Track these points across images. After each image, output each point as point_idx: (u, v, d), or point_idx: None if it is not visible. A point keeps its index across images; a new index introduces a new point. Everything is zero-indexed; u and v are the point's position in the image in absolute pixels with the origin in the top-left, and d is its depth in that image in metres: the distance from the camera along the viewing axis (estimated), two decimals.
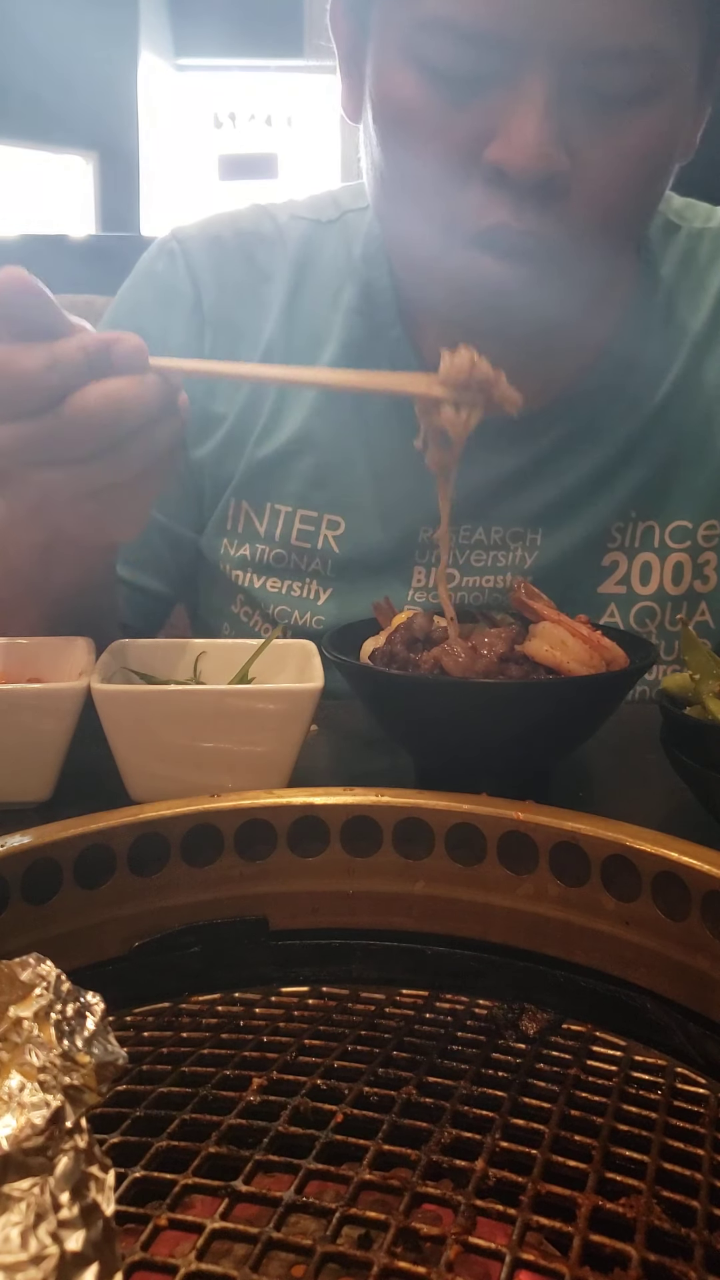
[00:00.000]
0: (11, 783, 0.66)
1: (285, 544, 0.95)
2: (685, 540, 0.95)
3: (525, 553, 0.94)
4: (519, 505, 0.93)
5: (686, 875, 0.41)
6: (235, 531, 0.97)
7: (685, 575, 0.95)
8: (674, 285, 0.94)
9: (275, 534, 0.95)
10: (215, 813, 0.46)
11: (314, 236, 0.98)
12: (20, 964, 0.27)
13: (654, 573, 0.95)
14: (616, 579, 0.95)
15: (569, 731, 0.69)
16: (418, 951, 0.47)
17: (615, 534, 0.94)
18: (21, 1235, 0.21)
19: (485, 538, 0.94)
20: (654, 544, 0.95)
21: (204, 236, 0.99)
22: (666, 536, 0.95)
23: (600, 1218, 0.29)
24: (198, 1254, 0.27)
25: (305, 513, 0.95)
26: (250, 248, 0.98)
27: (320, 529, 0.95)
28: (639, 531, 0.94)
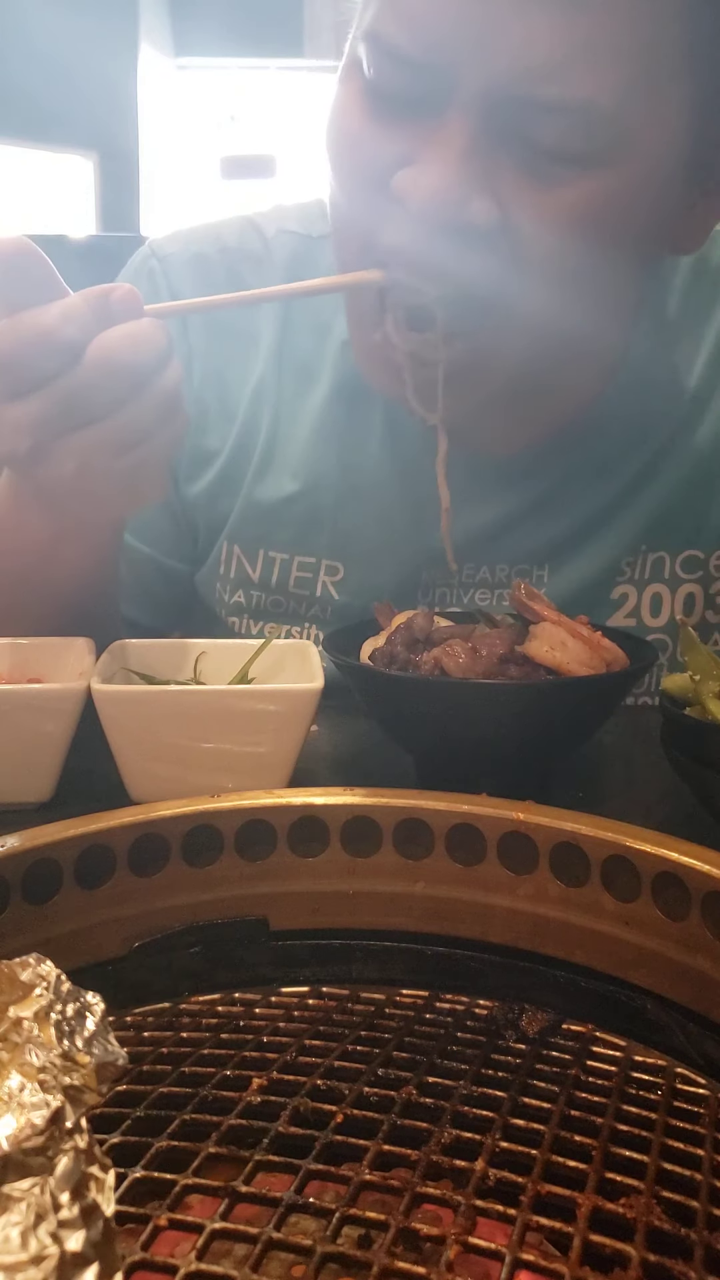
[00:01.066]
0: (11, 783, 0.66)
1: (283, 590, 0.93)
2: (697, 570, 0.91)
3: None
4: (524, 542, 0.90)
5: (686, 875, 0.41)
6: (228, 577, 0.94)
7: (697, 606, 0.92)
8: (683, 308, 0.90)
9: (271, 580, 0.93)
10: (215, 813, 0.46)
11: (304, 254, 0.93)
12: (20, 964, 0.27)
13: (664, 604, 0.91)
14: (626, 611, 0.92)
15: (569, 732, 0.69)
16: (418, 951, 0.47)
17: (625, 567, 0.91)
18: (21, 1235, 0.21)
19: (490, 576, 0.91)
20: (664, 575, 0.91)
21: (187, 255, 0.95)
22: (678, 567, 0.91)
23: (600, 1218, 0.29)
24: (198, 1254, 0.27)
25: (303, 559, 0.92)
26: (236, 267, 0.93)
27: (319, 575, 0.92)
28: (649, 563, 0.91)
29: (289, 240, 0.94)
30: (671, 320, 0.89)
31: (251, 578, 0.93)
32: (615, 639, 0.69)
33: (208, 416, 0.93)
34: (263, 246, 0.94)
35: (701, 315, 0.90)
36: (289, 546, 0.92)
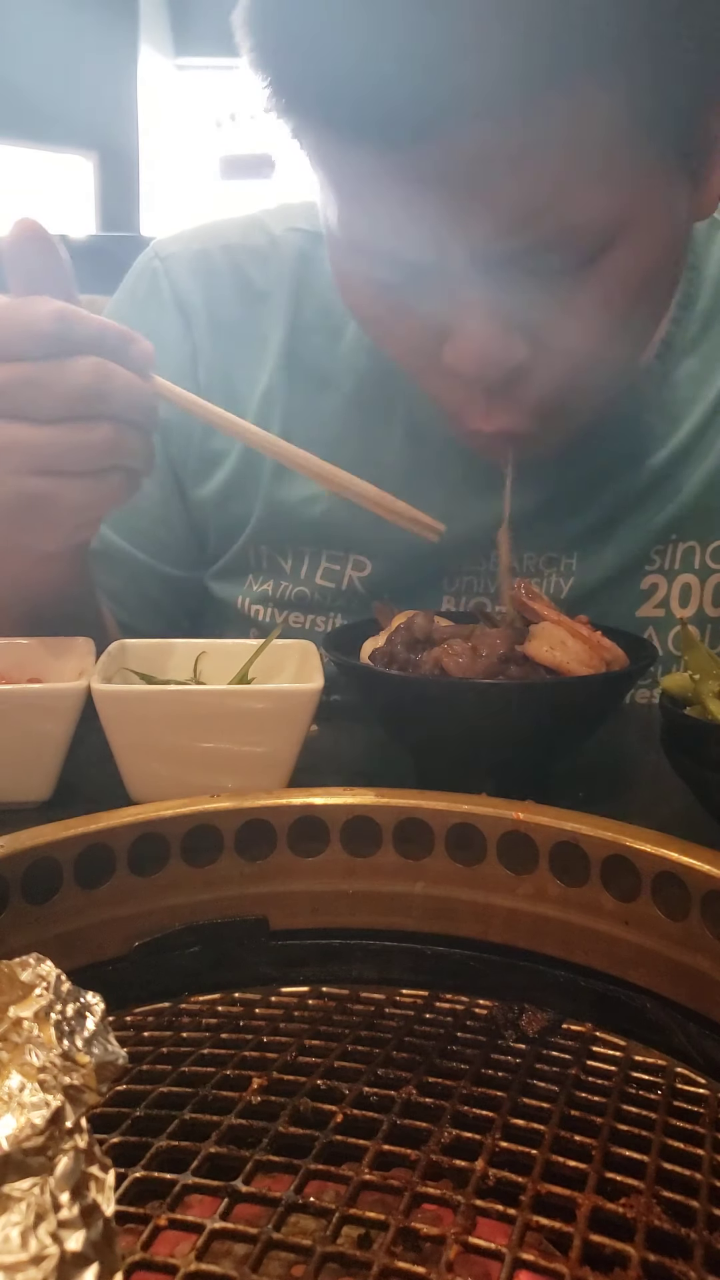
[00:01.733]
0: (11, 783, 0.66)
1: (310, 583, 0.92)
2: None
3: (560, 579, 0.90)
4: (553, 531, 0.89)
5: (686, 875, 0.41)
6: (260, 568, 0.94)
7: None
8: (717, 289, 0.88)
9: (300, 573, 0.92)
10: (215, 813, 0.46)
11: (312, 252, 0.91)
12: (20, 964, 0.27)
13: (694, 595, 0.91)
14: (655, 602, 0.91)
15: (569, 731, 0.69)
16: (418, 951, 0.47)
17: (654, 556, 0.90)
18: (21, 1235, 0.21)
19: (518, 565, 0.90)
20: (695, 565, 0.90)
21: (189, 253, 0.93)
22: (708, 557, 0.91)
23: (600, 1218, 0.29)
24: (198, 1254, 0.27)
25: (331, 552, 0.92)
26: (241, 264, 0.92)
27: (346, 569, 0.92)
28: (679, 553, 0.90)
29: (296, 237, 0.92)
30: (702, 310, 0.88)
31: (284, 568, 0.93)
32: (615, 638, 0.69)
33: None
34: (269, 243, 0.93)
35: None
36: (316, 543, 0.91)
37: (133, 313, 0.93)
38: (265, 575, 0.94)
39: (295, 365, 0.91)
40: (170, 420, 0.86)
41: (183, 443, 0.92)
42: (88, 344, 0.63)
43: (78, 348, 0.63)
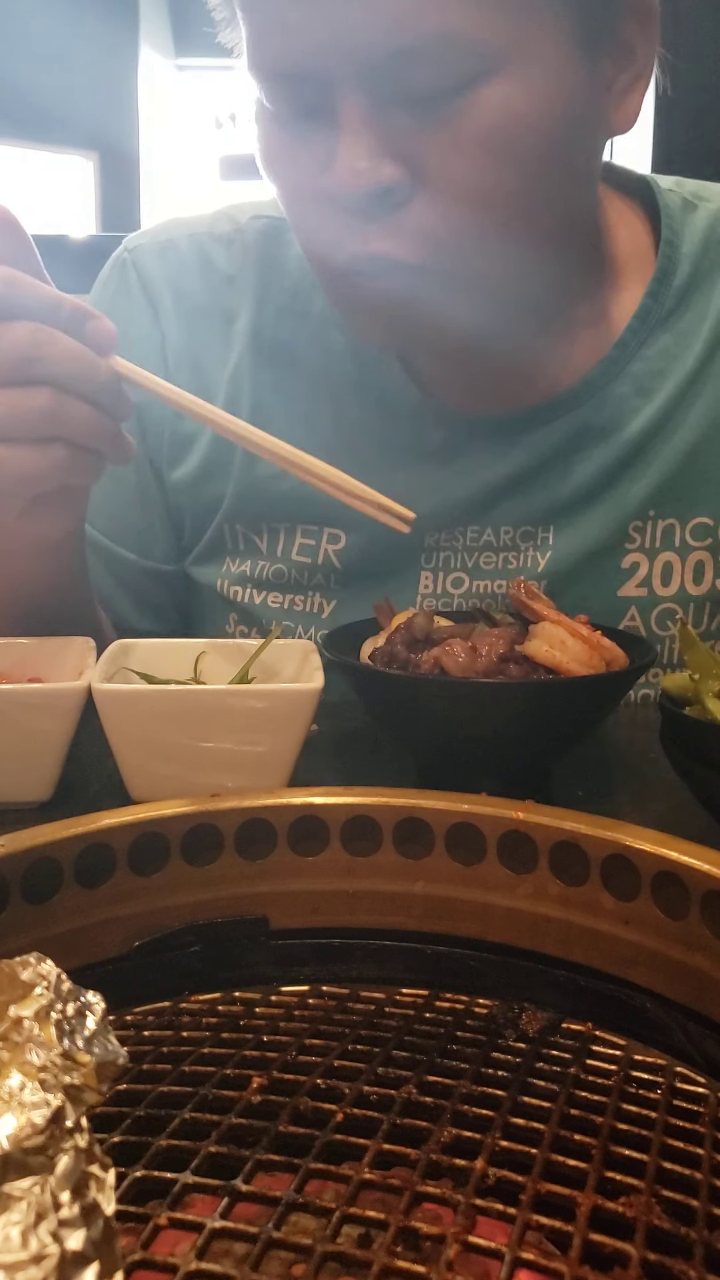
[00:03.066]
0: (11, 783, 0.66)
1: (286, 559, 0.93)
2: (706, 538, 0.90)
3: (537, 553, 0.90)
4: (528, 504, 0.89)
5: (686, 875, 0.41)
6: (236, 550, 0.94)
7: (706, 574, 0.91)
8: (697, 263, 0.89)
9: (277, 550, 0.93)
10: (215, 813, 0.46)
11: (276, 234, 0.93)
12: (20, 963, 0.27)
13: (674, 573, 0.90)
14: (637, 581, 0.90)
15: (569, 731, 0.69)
16: (418, 951, 0.47)
17: (634, 534, 0.90)
18: (22, 1234, 0.21)
19: (494, 539, 0.90)
20: (675, 543, 0.90)
21: (155, 244, 0.96)
22: (688, 534, 0.90)
23: (600, 1217, 0.29)
24: (198, 1253, 0.27)
25: (305, 527, 0.92)
26: (207, 250, 0.94)
27: (321, 543, 0.92)
28: (659, 531, 0.90)
29: (260, 222, 0.95)
30: (679, 286, 0.89)
31: (259, 547, 0.94)
32: (615, 638, 0.69)
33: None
34: (234, 229, 0.95)
35: (710, 283, 0.89)
36: (290, 519, 0.92)
37: (103, 303, 0.94)
38: (242, 556, 0.94)
39: (263, 345, 0.92)
40: (142, 405, 0.87)
41: (156, 427, 0.94)
42: (35, 312, 0.64)
43: (21, 314, 0.63)
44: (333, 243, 0.75)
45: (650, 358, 0.88)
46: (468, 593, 0.91)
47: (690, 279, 0.89)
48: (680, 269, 0.89)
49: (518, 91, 0.69)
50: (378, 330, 0.80)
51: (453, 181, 0.70)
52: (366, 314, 0.79)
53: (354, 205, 0.71)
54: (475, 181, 0.71)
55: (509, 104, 0.69)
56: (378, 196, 0.70)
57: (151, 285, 0.94)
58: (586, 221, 0.86)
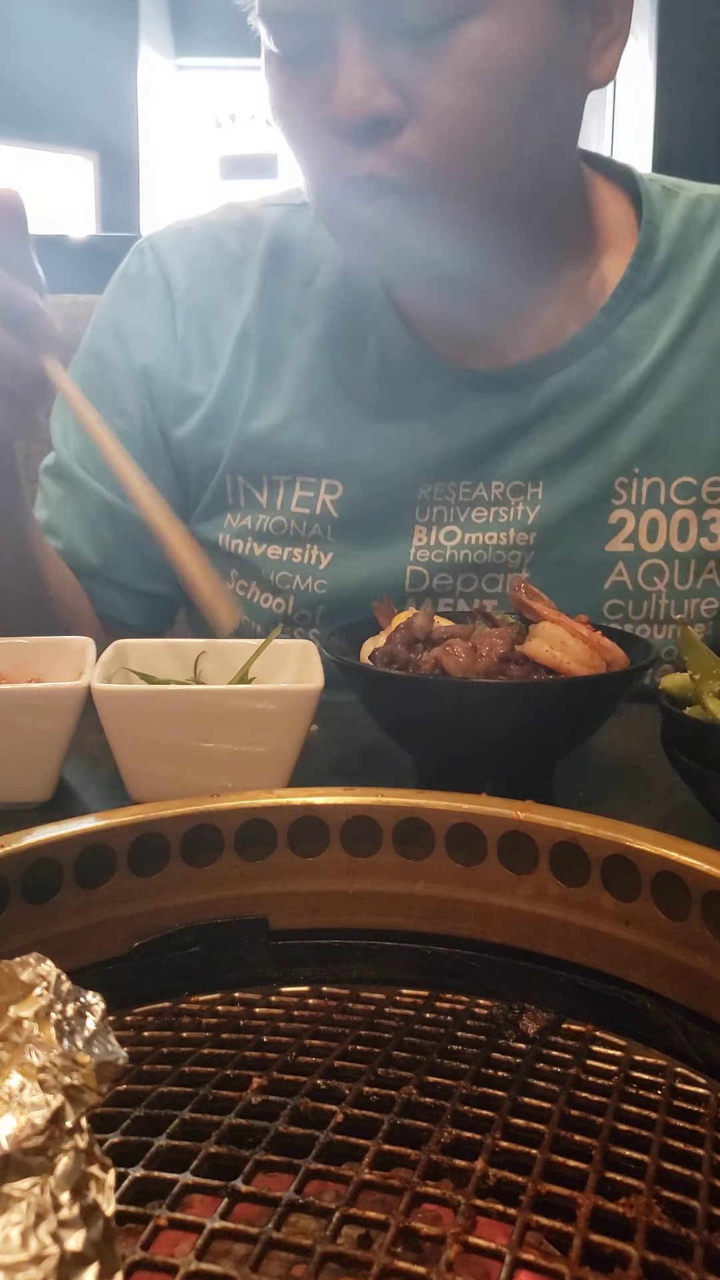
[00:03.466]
0: (11, 783, 0.66)
1: (286, 511, 0.96)
2: (690, 496, 0.94)
3: (527, 507, 0.93)
4: (518, 459, 0.93)
5: (686, 875, 0.41)
6: (237, 505, 0.98)
7: (691, 532, 0.94)
8: (674, 246, 0.95)
9: (276, 503, 0.96)
10: (215, 813, 0.46)
11: (287, 219, 1.00)
12: (20, 964, 0.27)
13: (660, 530, 0.94)
14: (624, 536, 0.94)
15: (569, 731, 0.69)
16: (418, 951, 0.47)
17: (620, 490, 0.93)
18: (22, 1235, 0.21)
19: (486, 494, 0.94)
20: (660, 501, 0.94)
21: (172, 233, 1.04)
22: (672, 493, 0.94)
23: (600, 1218, 0.29)
24: (198, 1254, 0.27)
25: (304, 479, 0.96)
26: (218, 235, 1.01)
27: (319, 494, 0.96)
28: (644, 488, 0.94)
29: (272, 211, 1.02)
30: (659, 262, 0.94)
31: (259, 501, 0.97)
32: (615, 638, 0.69)
33: (192, 363, 0.98)
34: (245, 218, 1.02)
35: (693, 256, 0.95)
36: (289, 470, 0.96)
37: (123, 288, 1.03)
38: (243, 510, 0.98)
39: (269, 311, 0.98)
40: (150, 367, 0.98)
41: (163, 390, 0.99)
42: None
43: None
44: (331, 168, 0.81)
45: (634, 324, 0.94)
46: (460, 544, 0.94)
47: (670, 256, 0.95)
48: (661, 248, 0.95)
49: (502, 30, 0.77)
50: (369, 252, 0.86)
51: (442, 110, 0.77)
52: (359, 236, 0.84)
53: (351, 131, 0.77)
54: (462, 111, 0.78)
55: (494, 40, 0.77)
56: (373, 124, 0.77)
57: (166, 264, 1.01)
58: (569, 176, 0.93)
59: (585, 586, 0.93)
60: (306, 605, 0.97)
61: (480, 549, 0.94)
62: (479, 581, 0.94)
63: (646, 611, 0.94)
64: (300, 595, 0.96)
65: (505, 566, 0.94)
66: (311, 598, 0.96)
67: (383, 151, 0.78)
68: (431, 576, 0.95)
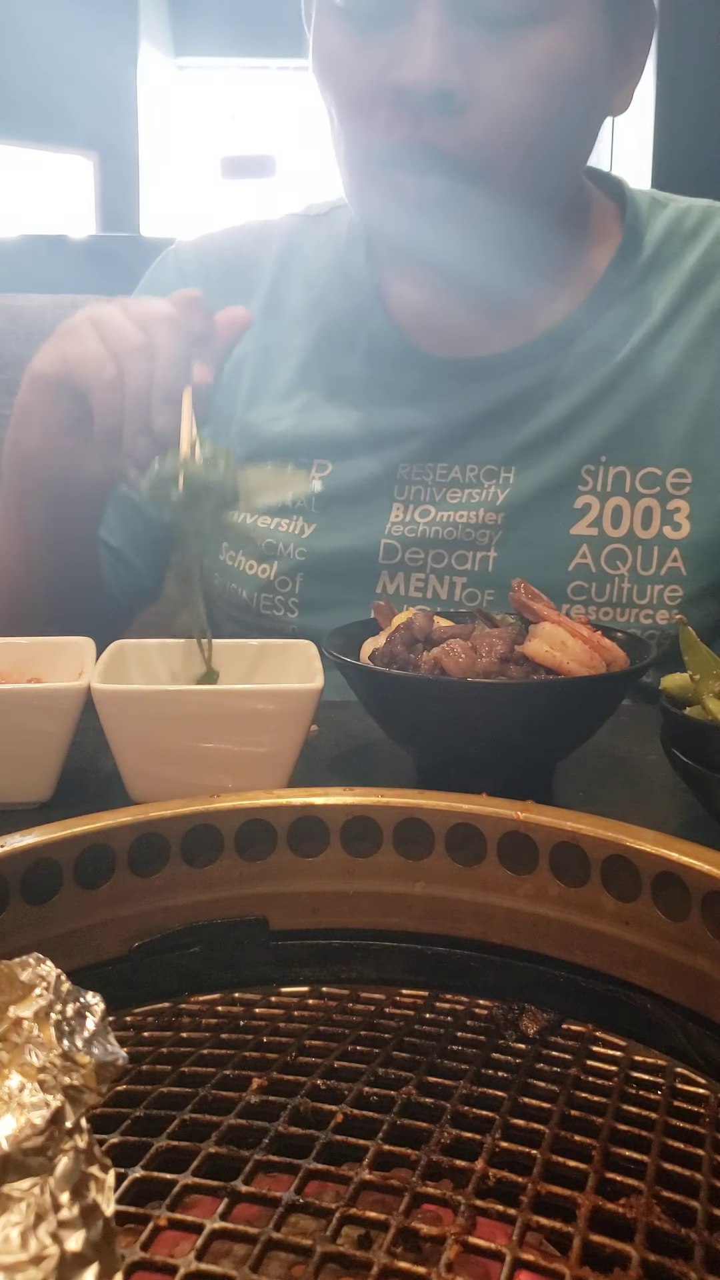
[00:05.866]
0: (11, 783, 0.66)
1: None
2: (654, 486, 0.98)
3: (498, 489, 0.98)
4: (492, 444, 0.98)
5: (686, 875, 0.41)
6: None
7: (654, 521, 0.98)
8: (657, 250, 1.00)
9: None
10: (215, 813, 0.46)
11: (301, 228, 1.08)
12: (20, 964, 0.27)
13: (625, 516, 0.98)
14: (589, 521, 0.98)
15: (569, 732, 0.69)
16: (418, 951, 0.47)
17: (586, 477, 0.98)
18: (21, 1235, 0.21)
19: (460, 476, 0.99)
20: (625, 489, 0.98)
21: (195, 240, 1.13)
22: (637, 482, 0.98)
23: (600, 1218, 0.29)
24: (197, 1254, 0.27)
25: (299, 460, 1.01)
26: (238, 241, 1.09)
27: (310, 472, 1.01)
28: (610, 476, 0.98)
29: (290, 219, 1.09)
30: (641, 264, 0.99)
31: None
32: (615, 639, 0.69)
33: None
34: (263, 225, 1.11)
35: (673, 260, 1.00)
36: (285, 453, 1.01)
37: (148, 287, 1.11)
38: None
39: (274, 310, 1.06)
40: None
41: None
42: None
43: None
44: (384, 129, 0.84)
45: (610, 321, 0.98)
46: (433, 521, 0.99)
47: (652, 259, 1.00)
48: (643, 250, 1.00)
49: (568, 41, 0.83)
50: (397, 220, 0.89)
51: (504, 99, 0.82)
52: (393, 201, 0.88)
53: (417, 100, 0.81)
54: (523, 105, 0.83)
55: (560, 48, 0.83)
56: (441, 96, 0.81)
57: (186, 267, 1.09)
58: (574, 187, 0.99)
59: (550, 567, 0.96)
60: (287, 572, 1.01)
61: (451, 526, 0.98)
62: (449, 558, 0.98)
63: (610, 595, 0.97)
64: (283, 561, 1.01)
65: (474, 544, 0.98)
66: (292, 564, 1.01)
67: (444, 126, 0.82)
68: (404, 550, 0.99)
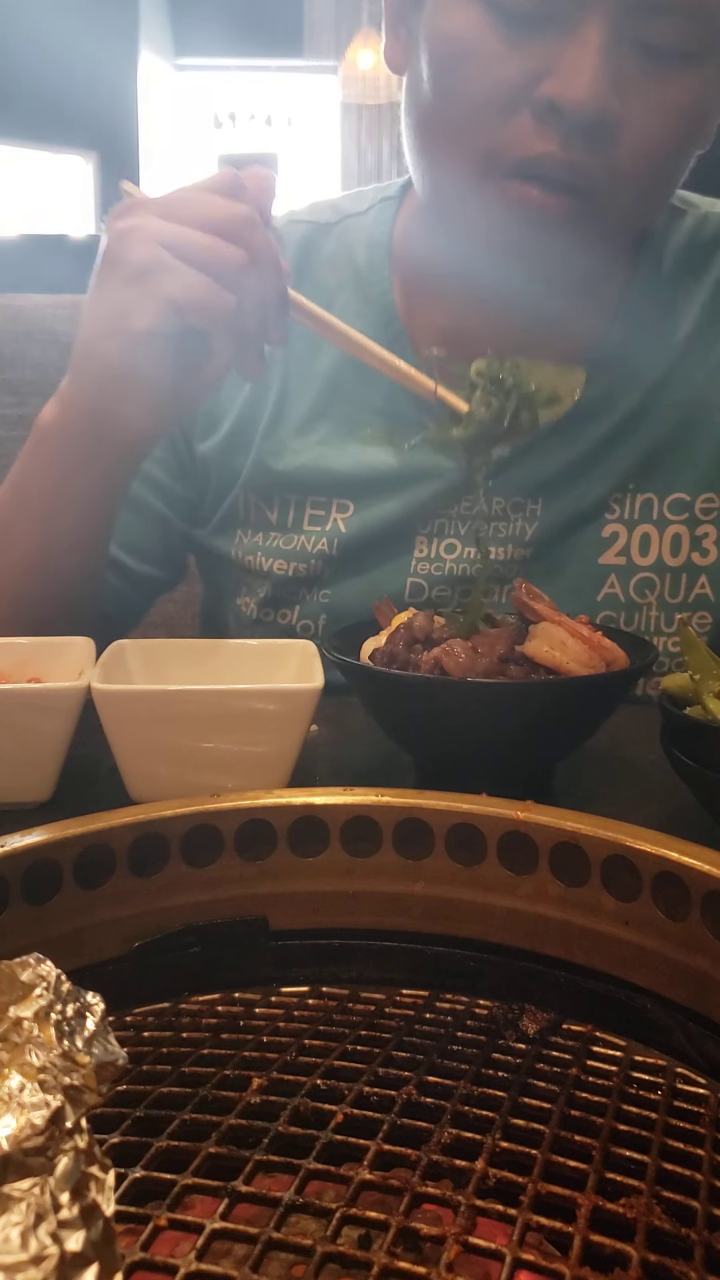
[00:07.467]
0: (11, 783, 0.66)
1: (298, 529, 0.98)
2: (683, 513, 0.96)
3: (525, 523, 0.96)
4: (520, 477, 0.95)
5: (686, 875, 0.41)
6: (248, 522, 1.00)
7: (683, 547, 0.97)
8: (678, 264, 0.97)
9: (288, 522, 0.98)
10: (215, 813, 0.46)
11: (312, 238, 1.01)
12: (20, 964, 0.27)
13: (653, 544, 0.96)
14: (616, 550, 0.96)
15: (569, 731, 0.69)
16: (418, 951, 0.47)
17: (614, 505, 0.96)
18: (21, 1235, 0.21)
19: (486, 508, 0.96)
20: (653, 516, 0.96)
21: None
22: (665, 509, 0.96)
23: (600, 1218, 0.29)
24: (198, 1254, 0.27)
25: (316, 499, 0.97)
26: None
27: (330, 513, 0.97)
28: (638, 503, 0.96)
29: (298, 228, 1.01)
30: (666, 278, 0.96)
31: (269, 519, 0.99)
32: (615, 638, 0.69)
33: (224, 380, 0.98)
34: (273, 235, 0.99)
35: (696, 274, 0.96)
36: (302, 489, 0.98)
37: None
38: (254, 527, 1.00)
39: (294, 332, 0.98)
40: None
41: None
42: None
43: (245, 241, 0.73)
44: (522, 141, 0.79)
45: (637, 344, 0.95)
46: (459, 558, 0.96)
47: (673, 273, 0.96)
48: (664, 264, 0.97)
49: (713, 79, 0.80)
50: (508, 232, 0.83)
51: (645, 132, 0.78)
52: (517, 215, 0.81)
53: (574, 120, 0.76)
54: (658, 139, 0.80)
55: (703, 87, 0.80)
56: (597, 123, 0.76)
57: None
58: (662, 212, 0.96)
59: (579, 598, 0.95)
60: (309, 616, 0.99)
61: (477, 562, 0.95)
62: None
63: (639, 624, 0.96)
64: (305, 606, 0.98)
65: (502, 578, 0.95)
66: (315, 608, 0.98)
67: (591, 151, 0.78)
68: (431, 588, 0.97)
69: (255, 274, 0.73)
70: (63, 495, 0.85)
